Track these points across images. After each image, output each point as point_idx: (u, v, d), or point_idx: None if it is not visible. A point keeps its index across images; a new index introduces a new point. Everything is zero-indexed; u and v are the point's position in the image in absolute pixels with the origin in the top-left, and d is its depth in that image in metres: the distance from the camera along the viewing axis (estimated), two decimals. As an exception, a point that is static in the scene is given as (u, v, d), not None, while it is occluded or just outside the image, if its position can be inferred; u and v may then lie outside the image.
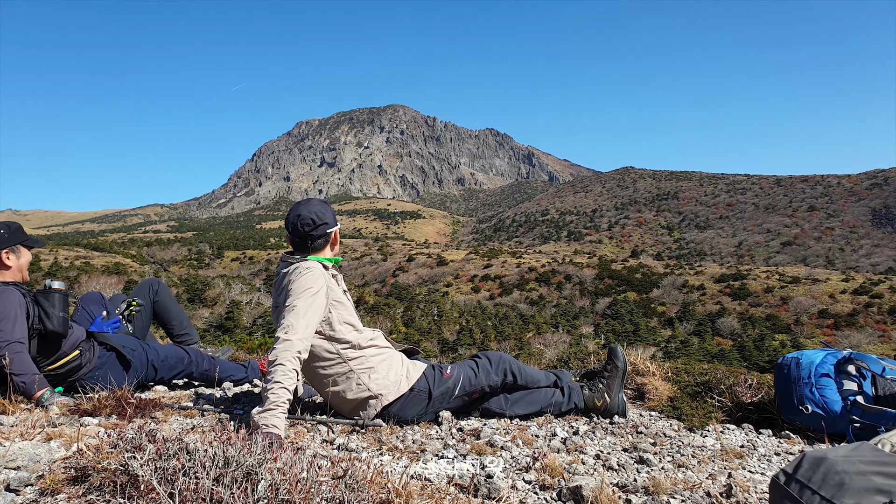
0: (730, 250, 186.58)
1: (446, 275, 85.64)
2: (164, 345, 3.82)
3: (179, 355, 3.71)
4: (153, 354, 3.59)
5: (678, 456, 2.72)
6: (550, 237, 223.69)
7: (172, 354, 3.69)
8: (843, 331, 53.97)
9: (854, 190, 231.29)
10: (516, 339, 44.25)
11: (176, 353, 3.72)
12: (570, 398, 3.25)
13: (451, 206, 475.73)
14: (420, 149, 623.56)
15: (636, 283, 76.77)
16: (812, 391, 3.17)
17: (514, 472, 2.28)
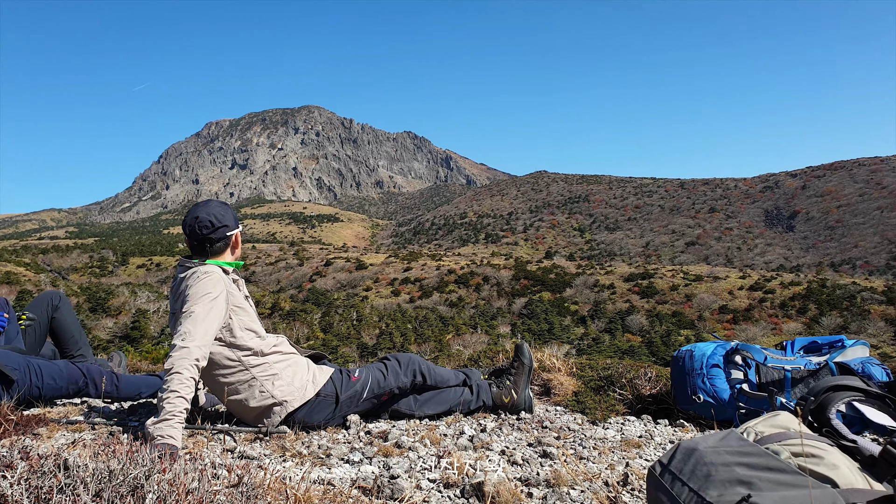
0: (638, 250, 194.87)
1: (365, 279, 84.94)
2: (55, 363, 3.37)
3: (72, 377, 3.31)
4: (36, 375, 3.18)
5: (580, 448, 2.81)
6: (469, 240, 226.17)
7: (62, 375, 3.28)
8: (740, 325, 57.46)
9: (749, 192, 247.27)
10: (436, 341, 44.47)
11: (69, 374, 3.31)
12: (479, 396, 3.29)
13: (370, 210, 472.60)
14: (337, 151, 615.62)
15: (550, 283, 78.82)
16: (704, 381, 3.35)
17: (419, 472, 2.29)
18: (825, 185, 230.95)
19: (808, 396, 1.43)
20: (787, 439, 1.17)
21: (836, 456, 1.15)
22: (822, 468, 1.11)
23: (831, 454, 1.15)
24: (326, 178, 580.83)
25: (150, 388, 3.55)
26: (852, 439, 1.18)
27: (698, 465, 1.16)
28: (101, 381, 3.38)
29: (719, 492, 1.07)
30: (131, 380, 3.56)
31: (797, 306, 62.22)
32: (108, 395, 3.41)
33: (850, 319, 57.27)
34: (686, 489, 1.12)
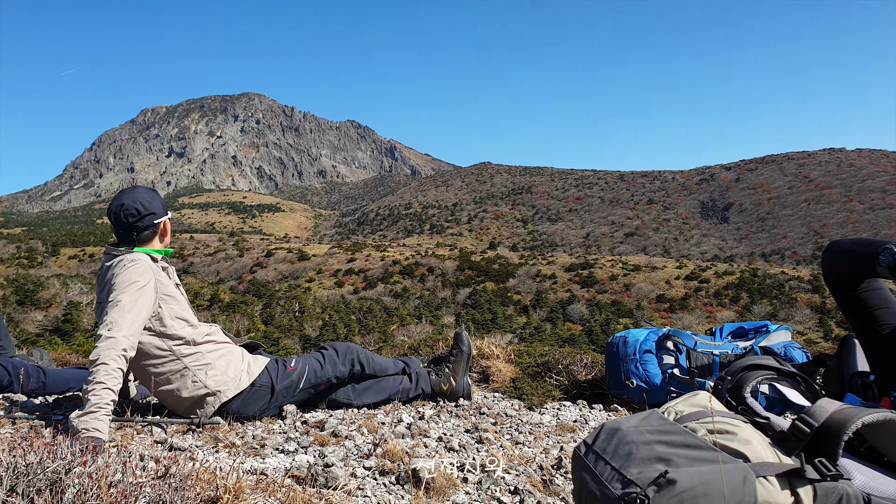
0: (579, 241, 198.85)
1: (308, 270, 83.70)
2: None
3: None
4: None
5: (516, 434, 2.86)
6: (414, 230, 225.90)
7: None
8: (677, 313, 59.37)
9: (686, 185, 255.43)
10: (380, 332, 44.28)
11: None
12: (418, 384, 3.30)
13: (313, 199, 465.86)
14: (278, 139, 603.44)
15: (494, 273, 79.57)
16: (637, 366, 3.45)
17: (354, 460, 2.28)
18: (757, 178, 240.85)
19: (725, 377, 1.49)
20: (704, 417, 1.21)
21: (749, 432, 1.19)
22: (735, 444, 1.15)
23: (744, 430, 1.19)
24: (267, 167, 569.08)
25: (80, 382, 3.40)
26: (765, 416, 1.25)
27: (621, 444, 1.19)
28: (25, 376, 3.24)
29: (639, 469, 1.10)
30: (59, 374, 3.42)
31: (730, 295, 64.77)
32: (34, 391, 3.26)
33: (779, 307, 60.05)
34: (608, 468, 1.15)
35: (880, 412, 1.17)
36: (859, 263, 1.47)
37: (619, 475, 1.12)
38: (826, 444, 1.16)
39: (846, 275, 1.51)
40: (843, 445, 1.15)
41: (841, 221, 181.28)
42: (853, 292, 1.52)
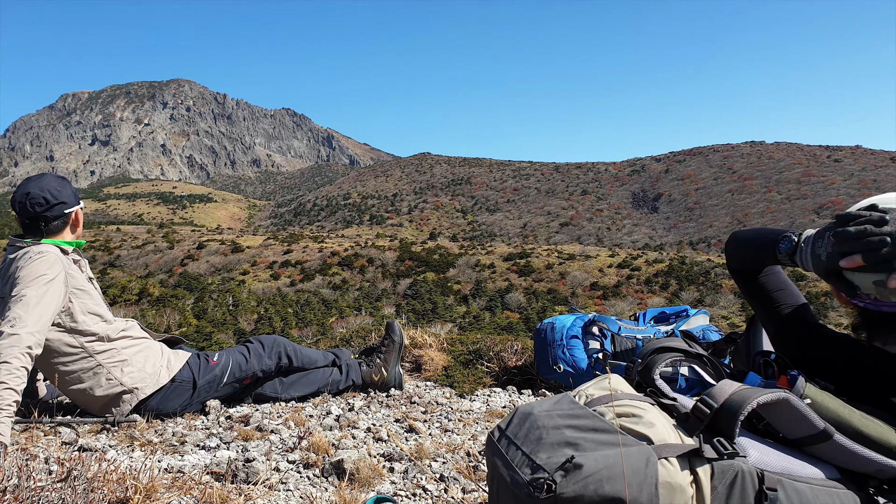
0: (516, 231, 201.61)
1: (242, 262, 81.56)
2: None
3: None
4: None
5: (446, 422, 2.87)
6: (353, 221, 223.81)
7: None
8: (610, 300, 61.03)
9: (618, 176, 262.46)
10: (318, 325, 43.67)
11: None
12: (348, 375, 3.27)
13: (247, 190, 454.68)
14: (210, 127, 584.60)
15: (434, 263, 79.73)
16: (563, 352, 3.51)
17: (278, 454, 2.23)
18: (685, 170, 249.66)
19: (636, 359, 1.53)
20: (615, 401, 1.23)
21: (654, 414, 1.21)
22: (640, 426, 1.17)
23: (650, 413, 1.21)
24: (198, 156, 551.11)
25: None
26: (673, 397, 1.29)
27: (532, 428, 1.19)
28: None
29: (548, 454, 1.12)
30: None
31: (660, 282, 67.07)
32: None
33: (706, 293, 62.58)
34: (519, 453, 1.16)
35: (775, 392, 1.21)
36: (761, 252, 1.53)
37: (529, 460, 1.13)
38: (724, 423, 1.19)
39: (749, 263, 1.58)
40: (739, 425, 1.18)
41: (761, 211, 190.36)
42: (755, 279, 1.59)
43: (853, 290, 1.32)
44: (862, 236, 1.26)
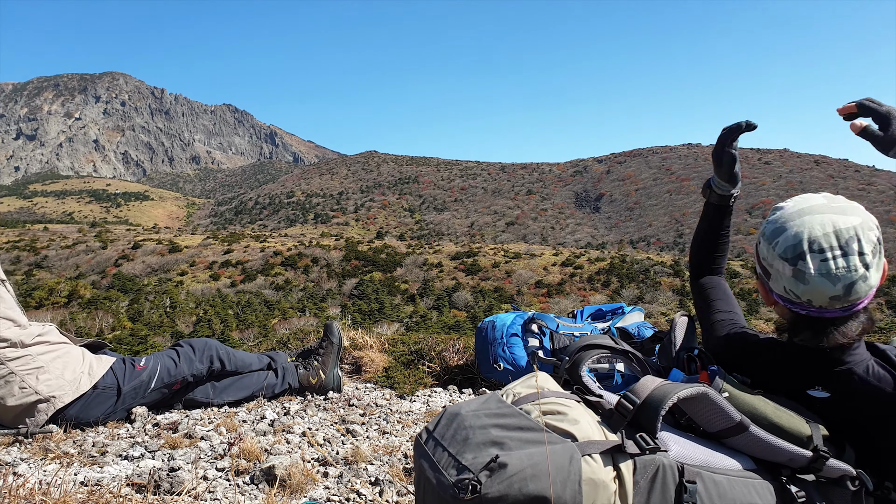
0: (464, 230, 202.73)
1: (180, 262, 79.21)
2: None
3: None
4: None
5: (384, 424, 2.83)
6: (297, 220, 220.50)
7: None
8: (554, 298, 62.04)
9: (562, 176, 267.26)
10: (260, 327, 42.82)
11: None
12: (285, 379, 3.19)
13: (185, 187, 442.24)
14: (146, 123, 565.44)
15: (381, 263, 79.32)
16: (504, 350, 3.52)
17: (207, 462, 2.15)
18: (626, 171, 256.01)
19: (564, 357, 1.54)
20: (541, 399, 1.23)
21: (579, 411, 1.22)
22: (565, 424, 1.17)
23: (575, 410, 1.22)
24: (134, 153, 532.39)
25: None
26: (598, 394, 1.30)
27: (459, 429, 1.19)
28: None
29: (474, 454, 1.11)
30: None
31: (602, 280, 68.56)
32: None
33: (646, 290, 64.34)
34: (446, 454, 1.15)
35: (694, 387, 1.23)
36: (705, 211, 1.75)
37: (455, 461, 1.12)
38: (646, 419, 1.20)
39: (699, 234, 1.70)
40: (660, 420, 1.19)
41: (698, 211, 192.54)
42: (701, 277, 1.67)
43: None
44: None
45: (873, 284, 1.30)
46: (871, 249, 1.29)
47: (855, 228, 1.30)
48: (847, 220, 1.31)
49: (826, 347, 1.39)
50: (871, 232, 1.30)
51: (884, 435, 1.33)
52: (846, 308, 1.34)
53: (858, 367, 1.37)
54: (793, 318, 1.44)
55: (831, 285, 1.30)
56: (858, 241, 1.29)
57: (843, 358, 1.39)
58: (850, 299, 1.31)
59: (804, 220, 1.34)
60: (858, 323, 1.36)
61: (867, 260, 1.28)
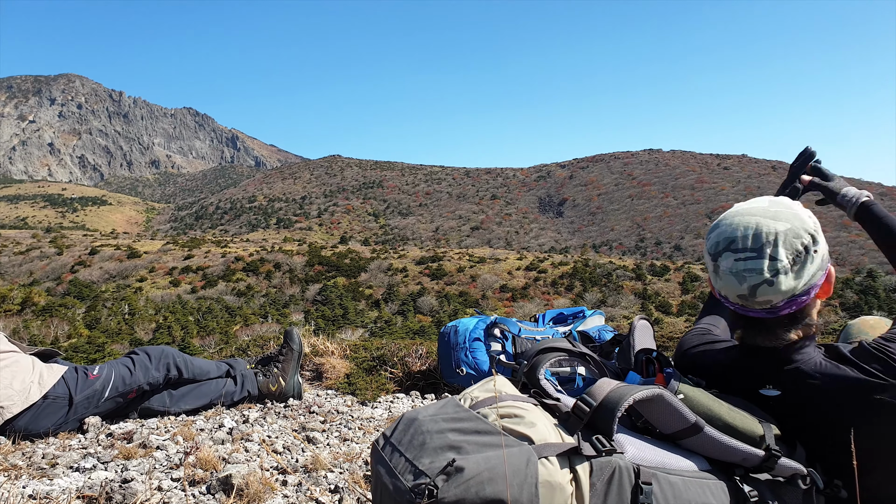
0: (429, 235, 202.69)
1: (140, 268, 77.41)
2: None
3: None
4: None
5: (346, 430, 2.81)
6: (259, 225, 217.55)
7: None
8: (518, 302, 62.41)
9: (525, 181, 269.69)
10: (222, 333, 42.09)
11: None
12: (244, 386, 3.14)
13: (145, 192, 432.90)
14: (104, 126, 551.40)
15: (345, 268, 78.74)
16: (466, 354, 3.53)
17: (162, 472, 2.10)
18: (588, 176, 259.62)
19: (522, 360, 1.56)
20: (498, 402, 1.24)
21: (536, 414, 1.23)
22: (521, 427, 1.18)
23: (532, 413, 1.23)
24: (91, 156, 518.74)
25: None
26: (556, 398, 1.32)
27: (416, 434, 1.19)
28: None
29: (431, 459, 1.11)
30: None
31: (565, 284, 69.26)
32: None
33: (608, 294, 65.21)
34: (403, 459, 1.15)
35: (650, 389, 1.25)
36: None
37: (412, 466, 1.12)
38: (602, 421, 1.21)
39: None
40: (617, 422, 1.20)
41: (659, 215, 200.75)
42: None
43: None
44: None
45: (785, 290, 1.34)
46: (789, 256, 1.34)
47: (776, 234, 1.35)
48: (771, 225, 1.36)
49: (776, 347, 1.45)
50: (798, 240, 1.35)
51: (831, 431, 1.37)
52: (769, 310, 1.40)
53: (806, 364, 1.42)
54: (731, 314, 1.51)
55: (738, 284, 1.37)
56: (774, 246, 1.34)
57: (791, 357, 1.44)
58: (758, 300, 1.37)
59: (734, 221, 1.42)
60: (795, 327, 1.43)
61: (778, 266, 1.33)
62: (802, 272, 1.35)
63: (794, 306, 1.40)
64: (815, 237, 1.37)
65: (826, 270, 1.41)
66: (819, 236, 1.38)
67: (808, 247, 1.35)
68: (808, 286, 1.37)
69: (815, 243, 1.37)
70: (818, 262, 1.38)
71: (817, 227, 1.39)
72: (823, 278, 1.41)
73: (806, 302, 1.40)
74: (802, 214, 1.41)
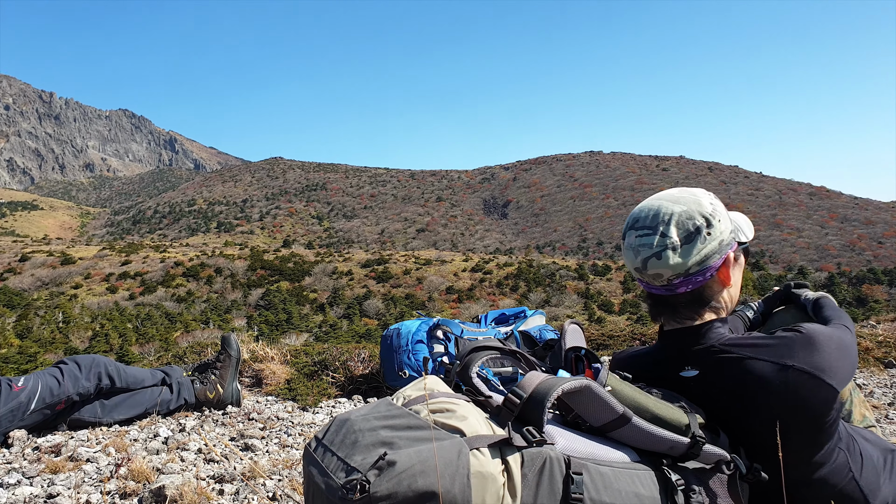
0: (374, 237, 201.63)
1: (74, 275, 74.35)
2: None
3: None
4: None
5: (285, 437, 2.77)
6: (199, 229, 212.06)
7: None
8: (465, 303, 62.78)
9: (470, 183, 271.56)
10: (162, 340, 40.82)
11: None
12: (180, 394, 3.06)
13: (79, 196, 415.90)
14: (34, 128, 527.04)
15: (289, 272, 77.53)
16: (409, 357, 3.53)
17: (91, 485, 2.04)
18: (531, 178, 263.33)
19: (455, 360, 1.59)
20: (430, 399, 1.26)
21: (468, 409, 1.24)
22: (453, 420, 1.19)
23: (463, 408, 1.24)
24: (20, 160, 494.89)
25: None
26: (488, 395, 1.34)
27: (348, 433, 1.19)
28: None
29: (363, 455, 1.11)
30: None
31: (510, 284, 70.07)
32: None
33: (552, 294, 66.31)
34: (335, 458, 1.15)
35: (578, 380, 1.28)
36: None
37: (344, 464, 1.12)
38: (533, 413, 1.24)
39: None
40: (546, 413, 1.22)
41: (600, 216, 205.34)
42: None
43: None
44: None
45: (672, 265, 1.45)
46: (680, 235, 1.45)
47: (672, 214, 1.47)
48: (670, 207, 1.48)
49: (688, 327, 1.54)
50: (690, 221, 1.45)
51: (743, 409, 1.44)
52: (667, 287, 1.51)
53: (717, 341, 1.50)
54: (643, 292, 1.61)
55: (634, 257, 1.51)
56: (667, 224, 1.46)
57: (704, 335, 1.52)
58: (649, 273, 1.49)
59: (644, 205, 1.55)
60: (699, 307, 1.53)
61: (667, 242, 1.45)
62: (691, 251, 1.45)
63: (690, 285, 1.49)
64: (711, 221, 1.47)
65: (724, 255, 1.50)
66: (716, 222, 1.48)
67: (699, 228, 1.45)
68: (702, 267, 1.47)
69: (709, 226, 1.46)
70: (712, 246, 1.47)
71: (716, 214, 1.48)
72: (720, 262, 1.49)
73: (702, 283, 1.50)
74: (703, 200, 1.50)
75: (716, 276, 1.50)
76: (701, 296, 1.52)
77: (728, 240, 1.50)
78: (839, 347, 1.44)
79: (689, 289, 1.50)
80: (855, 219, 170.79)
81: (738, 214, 1.67)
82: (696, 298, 1.52)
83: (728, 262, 1.51)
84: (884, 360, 4.25)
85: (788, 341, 1.43)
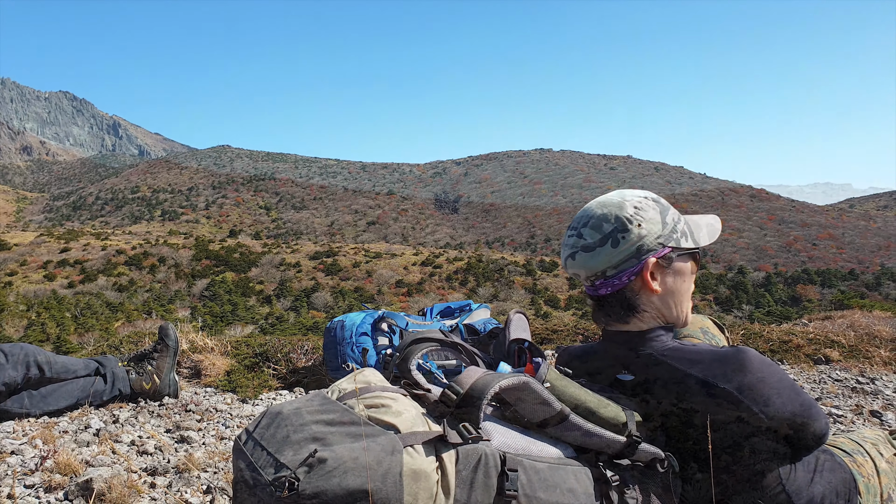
0: (323, 229, 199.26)
1: (9, 261, 71.03)
2: None
3: None
4: None
5: (223, 429, 2.72)
6: (142, 217, 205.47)
7: None
8: (414, 297, 62.77)
9: (422, 177, 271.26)
10: (102, 331, 39.41)
11: None
12: (114, 385, 2.97)
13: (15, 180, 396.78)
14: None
15: (235, 262, 75.92)
16: (353, 349, 3.51)
17: (15, 479, 1.96)
18: (482, 173, 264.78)
19: (395, 352, 1.58)
20: (365, 394, 1.24)
21: (404, 404, 1.23)
22: (388, 416, 1.18)
23: (399, 403, 1.23)
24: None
25: None
26: (427, 388, 1.33)
27: (279, 428, 1.17)
28: None
29: (294, 452, 1.09)
30: None
31: (460, 279, 70.38)
32: None
33: (500, 289, 66.94)
34: (265, 454, 1.13)
35: (516, 377, 1.27)
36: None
37: (274, 460, 1.10)
38: (469, 409, 1.22)
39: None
40: (483, 409, 1.21)
41: (549, 213, 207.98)
42: None
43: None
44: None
45: (586, 266, 1.50)
46: (595, 237, 1.48)
47: (592, 217, 1.51)
48: (593, 210, 1.53)
49: (629, 332, 1.54)
50: (606, 224, 1.47)
51: (680, 412, 1.44)
52: (590, 287, 1.55)
53: (657, 349, 1.49)
54: (595, 302, 1.61)
55: (563, 257, 1.57)
56: (585, 226, 1.51)
57: (645, 341, 1.51)
58: (570, 272, 1.56)
59: (585, 207, 1.59)
60: (627, 311, 1.52)
61: (580, 243, 1.50)
62: (602, 253, 1.47)
63: (610, 287, 1.50)
64: (627, 226, 1.46)
65: (643, 261, 1.47)
66: (634, 226, 1.46)
67: (613, 230, 1.46)
68: (618, 270, 1.47)
69: (624, 231, 1.46)
70: (627, 250, 1.46)
71: (636, 218, 1.47)
72: (639, 267, 1.47)
73: (620, 286, 1.50)
74: (627, 204, 1.50)
75: (636, 280, 1.48)
76: (625, 299, 1.51)
77: (651, 245, 1.47)
78: (774, 375, 1.39)
79: (610, 291, 1.51)
80: (792, 221, 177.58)
81: (703, 218, 1.64)
82: (622, 302, 1.52)
83: (647, 267, 1.47)
84: (813, 356, 4.44)
85: (723, 358, 1.40)
